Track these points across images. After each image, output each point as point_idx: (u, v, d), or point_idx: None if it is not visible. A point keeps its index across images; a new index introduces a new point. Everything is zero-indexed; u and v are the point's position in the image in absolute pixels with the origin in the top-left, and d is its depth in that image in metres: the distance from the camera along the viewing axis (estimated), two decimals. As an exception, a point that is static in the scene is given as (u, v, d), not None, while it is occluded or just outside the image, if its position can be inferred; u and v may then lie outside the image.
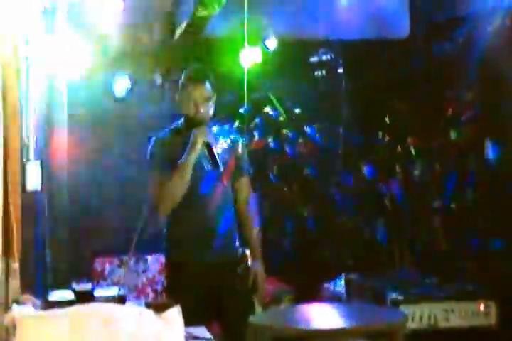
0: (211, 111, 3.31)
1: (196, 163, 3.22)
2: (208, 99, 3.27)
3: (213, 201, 3.32)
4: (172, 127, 3.41)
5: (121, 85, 5.26)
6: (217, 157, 3.19)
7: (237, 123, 5.32)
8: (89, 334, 1.92)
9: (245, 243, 3.48)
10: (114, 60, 5.25)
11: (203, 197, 3.30)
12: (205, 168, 3.26)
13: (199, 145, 3.18)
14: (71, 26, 4.64)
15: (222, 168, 3.22)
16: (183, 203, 3.25)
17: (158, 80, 5.39)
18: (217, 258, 3.32)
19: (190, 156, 3.18)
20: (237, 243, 3.44)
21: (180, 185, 3.21)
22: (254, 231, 3.46)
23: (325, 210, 5.70)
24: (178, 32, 4.85)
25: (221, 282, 3.31)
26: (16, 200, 2.54)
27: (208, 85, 3.28)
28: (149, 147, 3.37)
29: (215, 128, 3.40)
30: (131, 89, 5.29)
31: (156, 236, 3.54)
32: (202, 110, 3.24)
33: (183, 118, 3.36)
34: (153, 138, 3.39)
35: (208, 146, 3.19)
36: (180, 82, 3.33)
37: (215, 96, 3.32)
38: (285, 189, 5.72)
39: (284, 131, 5.69)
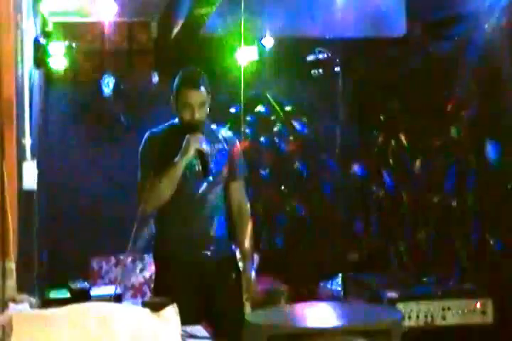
0: (205, 115, 3.30)
1: (188, 164, 3.22)
2: (203, 103, 3.26)
3: (205, 202, 3.31)
4: (167, 125, 3.40)
5: (113, 84, 5.26)
6: (208, 165, 3.19)
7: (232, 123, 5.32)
8: (86, 334, 1.91)
9: (237, 246, 3.47)
10: (111, 59, 5.26)
11: (195, 198, 3.29)
12: (197, 170, 3.26)
13: (191, 152, 3.17)
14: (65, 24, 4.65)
15: (211, 177, 3.23)
16: (174, 203, 3.25)
17: (155, 79, 5.39)
18: (207, 258, 3.32)
19: (181, 161, 3.17)
20: (229, 244, 3.44)
21: (168, 186, 3.20)
22: (247, 235, 3.45)
23: (322, 209, 5.70)
24: (175, 30, 4.84)
25: (210, 282, 3.30)
26: (12, 200, 2.54)
27: (203, 89, 3.26)
28: (142, 143, 3.36)
29: (209, 131, 3.38)
30: (127, 87, 5.29)
31: (153, 237, 3.54)
32: (198, 115, 3.24)
33: (177, 118, 3.35)
34: (147, 135, 3.38)
35: (201, 154, 3.19)
36: (175, 85, 3.31)
37: (210, 98, 3.30)
38: (282, 188, 5.72)
39: (280, 129, 5.69)
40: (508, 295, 4.01)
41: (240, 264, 3.45)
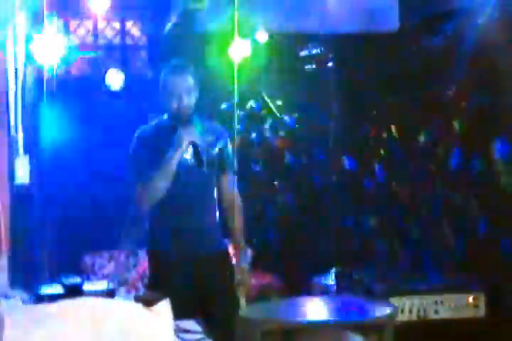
0: (193, 103, 3.28)
1: (180, 158, 3.22)
2: (190, 90, 3.26)
3: (198, 194, 3.32)
4: (156, 122, 3.40)
5: (114, 79, 5.24)
6: (202, 156, 3.19)
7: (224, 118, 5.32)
8: (78, 329, 1.92)
9: (230, 238, 3.48)
10: (106, 54, 5.25)
11: (188, 190, 3.30)
12: (190, 163, 3.26)
13: (184, 146, 3.18)
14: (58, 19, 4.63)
15: (205, 166, 3.22)
16: (167, 196, 3.25)
17: (150, 74, 5.39)
18: (200, 252, 3.32)
19: (174, 155, 3.17)
20: (221, 237, 3.45)
21: (164, 183, 3.21)
22: (239, 227, 3.46)
23: (315, 203, 5.71)
24: (169, 25, 4.84)
25: (204, 276, 3.31)
26: (4, 196, 2.54)
27: (188, 76, 3.27)
28: (132, 143, 3.36)
29: (198, 123, 3.38)
30: (123, 83, 5.28)
31: (146, 230, 3.54)
32: (185, 101, 3.23)
33: (166, 114, 3.35)
34: (136, 134, 3.38)
35: (194, 146, 3.19)
36: (162, 77, 3.32)
37: (197, 89, 3.30)
38: (275, 182, 5.73)
39: (271, 124, 5.70)
40: (501, 289, 4.02)
41: (234, 258, 3.47)
